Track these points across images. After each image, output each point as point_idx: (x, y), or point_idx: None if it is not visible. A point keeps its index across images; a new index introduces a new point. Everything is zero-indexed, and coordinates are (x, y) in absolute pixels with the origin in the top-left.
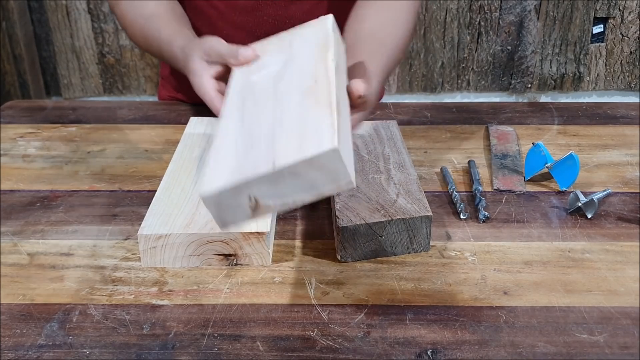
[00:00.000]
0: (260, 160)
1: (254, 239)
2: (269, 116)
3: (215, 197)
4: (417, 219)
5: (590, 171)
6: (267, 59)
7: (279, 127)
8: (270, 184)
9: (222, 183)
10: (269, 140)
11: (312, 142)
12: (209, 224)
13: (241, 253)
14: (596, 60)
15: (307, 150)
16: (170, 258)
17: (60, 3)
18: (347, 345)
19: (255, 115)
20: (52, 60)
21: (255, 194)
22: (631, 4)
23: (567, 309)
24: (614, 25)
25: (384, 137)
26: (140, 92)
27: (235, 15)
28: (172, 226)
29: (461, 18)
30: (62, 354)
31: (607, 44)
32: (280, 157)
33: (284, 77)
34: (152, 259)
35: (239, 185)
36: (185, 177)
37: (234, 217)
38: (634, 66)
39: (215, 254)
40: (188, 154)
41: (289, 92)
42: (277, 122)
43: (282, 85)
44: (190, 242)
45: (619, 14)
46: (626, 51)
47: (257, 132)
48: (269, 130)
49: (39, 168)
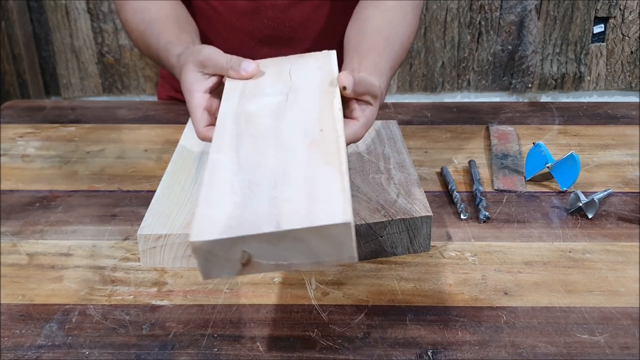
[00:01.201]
0: (262, 216)
1: None
2: (271, 161)
3: (207, 246)
4: (418, 219)
5: (590, 171)
6: (265, 85)
7: (282, 177)
8: (269, 244)
9: (217, 232)
10: (272, 192)
11: (322, 209)
12: None
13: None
14: (597, 60)
15: (317, 217)
16: (170, 258)
17: (60, 3)
18: (347, 345)
19: (254, 155)
20: (51, 60)
21: (250, 250)
22: (632, 4)
23: (567, 309)
24: (615, 25)
25: (384, 137)
26: (140, 92)
27: (235, 18)
28: (172, 226)
29: (461, 18)
30: (62, 355)
31: (607, 43)
32: (285, 217)
33: (286, 114)
34: (151, 259)
35: (235, 239)
36: (185, 177)
37: (220, 271)
38: (634, 66)
39: None
40: (188, 153)
41: (292, 136)
42: (280, 171)
43: (284, 125)
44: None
45: (619, 13)
46: (627, 51)
47: (257, 177)
48: (271, 178)
49: (38, 168)
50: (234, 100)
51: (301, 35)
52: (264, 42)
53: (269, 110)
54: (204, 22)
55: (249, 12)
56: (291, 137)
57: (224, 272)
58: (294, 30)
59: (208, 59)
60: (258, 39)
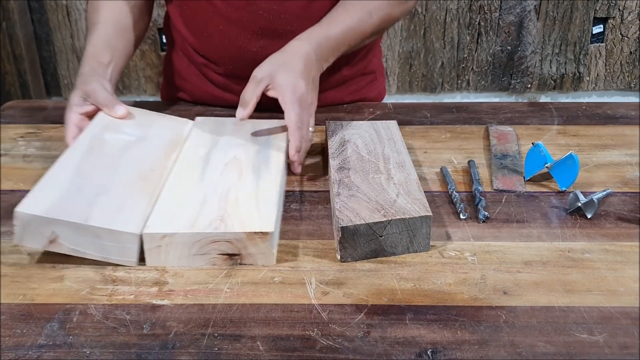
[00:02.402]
0: (77, 210)
1: (258, 239)
2: (102, 179)
3: (28, 218)
4: (417, 219)
5: (590, 171)
6: (126, 126)
7: (105, 191)
8: (74, 232)
9: (40, 211)
10: (92, 199)
11: (122, 219)
12: (213, 223)
13: (245, 253)
14: (596, 60)
15: (115, 223)
16: (175, 257)
17: (61, 3)
18: (347, 345)
19: (92, 170)
20: (52, 60)
21: (59, 232)
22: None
23: (566, 308)
24: (614, 25)
25: (384, 137)
26: (141, 92)
27: (230, 11)
28: (177, 225)
29: (461, 18)
30: (63, 354)
31: (606, 44)
32: (93, 216)
33: (131, 151)
34: (156, 259)
35: (50, 219)
36: (190, 178)
37: (31, 241)
38: (633, 66)
39: (220, 254)
40: (193, 154)
41: (127, 167)
42: (106, 187)
43: (126, 158)
44: (194, 242)
45: (618, 14)
46: (626, 51)
47: (86, 185)
48: (96, 189)
49: (40, 168)
50: (97, 128)
51: (296, 28)
52: (260, 34)
53: (120, 144)
54: (200, 16)
55: (244, 5)
56: (126, 167)
57: (34, 242)
58: (289, 23)
59: (92, 92)
60: (253, 32)
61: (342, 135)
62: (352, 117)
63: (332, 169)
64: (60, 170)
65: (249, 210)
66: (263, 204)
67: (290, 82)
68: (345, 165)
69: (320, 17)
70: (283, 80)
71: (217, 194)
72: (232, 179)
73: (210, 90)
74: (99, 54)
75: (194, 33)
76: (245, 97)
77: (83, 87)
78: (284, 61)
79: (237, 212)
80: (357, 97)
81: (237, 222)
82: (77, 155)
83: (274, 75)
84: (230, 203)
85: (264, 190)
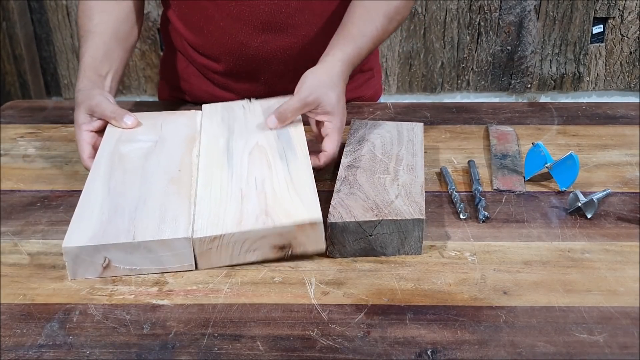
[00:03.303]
0: (122, 230)
1: (308, 228)
2: (135, 191)
3: (76, 251)
4: (409, 222)
5: (589, 171)
6: (139, 133)
7: (142, 204)
8: (125, 252)
9: (85, 240)
10: (132, 214)
11: (170, 227)
12: (260, 218)
13: (295, 243)
14: (596, 60)
15: (164, 232)
16: (227, 257)
17: (61, 3)
18: (347, 345)
19: (122, 185)
20: (52, 60)
21: (110, 256)
22: (631, 4)
23: (566, 308)
24: (614, 25)
25: (405, 138)
26: (141, 92)
27: (231, 6)
28: (224, 226)
29: (461, 18)
30: (63, 354)
31: (606, 44)
32: (139, 232)
33: (152, 157)
34: (207, 261)
35: (98, 246)
36: (220, 172)
37: (85, 272)
38: (633, 66)
39: (271, 247)
40: (214, 146)
41: (155, 173)
42: (141, 199)
43: (150, 165)
44: (245, 239)
45: (618, 14)
46: (626, 51)
47: (122, 202)
48: (132, 204)
49: (40, 168)
50: (111, 143)
51: (297, 22)
52: (261, 29)
53: (139, 153)
54: (199, 14)
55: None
56: (154, 174)
57: (88, 273)
58: (291, 17)
59: (97, 107)
60: (254, 26)
61: (362, 134)
62: (352, 117)
63: (342, 166)
64: (91, 195)
65: (291, 200)
66: (303, 192)
67: (340, 111)
68: (355, 163)
69: (321, 11)
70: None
71: (252, 187)
72: (262, 169)
73: (211, 90)
74: (98, 66)
75: (194, 32)
76: (287, 113)
77: (88, 103)
78: (327, 84)
79: (279, 204)
80: (355, 95)
81: (283, 214)
82: (101, 176)
83: (322, 99)
84: (269, 195)
85: (298, 177)
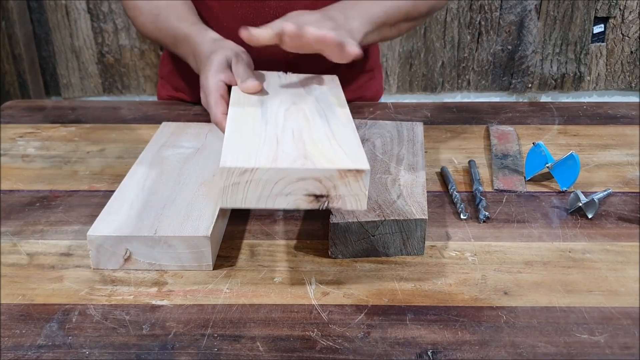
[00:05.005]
0: (146, 225)
1: (351, 177)
2: (167, 191)
3: (100, 240)
4: (412, 222)
5: (590, 171)
6: (184, 141)
7: (171, 202)
8: (146, 246)
9: (110, 231)
10: (160, 211)
11: (192, 225)
12: (298, 160)
13: (335, 194)
14: (597, 60)
15: (185, 229)
16: (254, 198)
17: (60, 3)
18: (347, 345)
19: (156, 185)
20: (51, 60)
21: (132, 248)
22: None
23: (567, 309)
24: (615, 25)
25: (405, 138)
26: (140, 91)
27: (236, 8)
28: (258, 160)
29: (461, 18)
30: (62, 354)
31: (607, 43)
32: (162, 227)
33: (191, 162)
34: (232, 198)
35: (121, 237)
36: (252, 120)
37: (107, 262)
38: (634, 66)
39: (306, 194)
40: (246, 100)
41: (189, 177)
42: (171, 198)
43: (186, 169)
44: (279, 179)
45: (619, 13)
46: (627, 51)
47: (152, 200)
48: (162, 202)
49: (39, 168)
50: (155, 148)
51: None
52: None
53: (179, 158)
54: (203, 14)
55: (250, 1)
56: (188, 177)
57: (110, 263)
58: None
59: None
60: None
61: (362, 134)
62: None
63: None
64: (125, 191)
65: (333, 149)
66: (346, 144)
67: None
68: None
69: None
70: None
71: (289, 135)
72: (300, 122)
73: None
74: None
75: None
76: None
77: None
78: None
79: (320, 151)
80: (356, 96)
81: (324, 159)
82: (139, 174)
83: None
84: (308, 143)
85: (339, 131)
